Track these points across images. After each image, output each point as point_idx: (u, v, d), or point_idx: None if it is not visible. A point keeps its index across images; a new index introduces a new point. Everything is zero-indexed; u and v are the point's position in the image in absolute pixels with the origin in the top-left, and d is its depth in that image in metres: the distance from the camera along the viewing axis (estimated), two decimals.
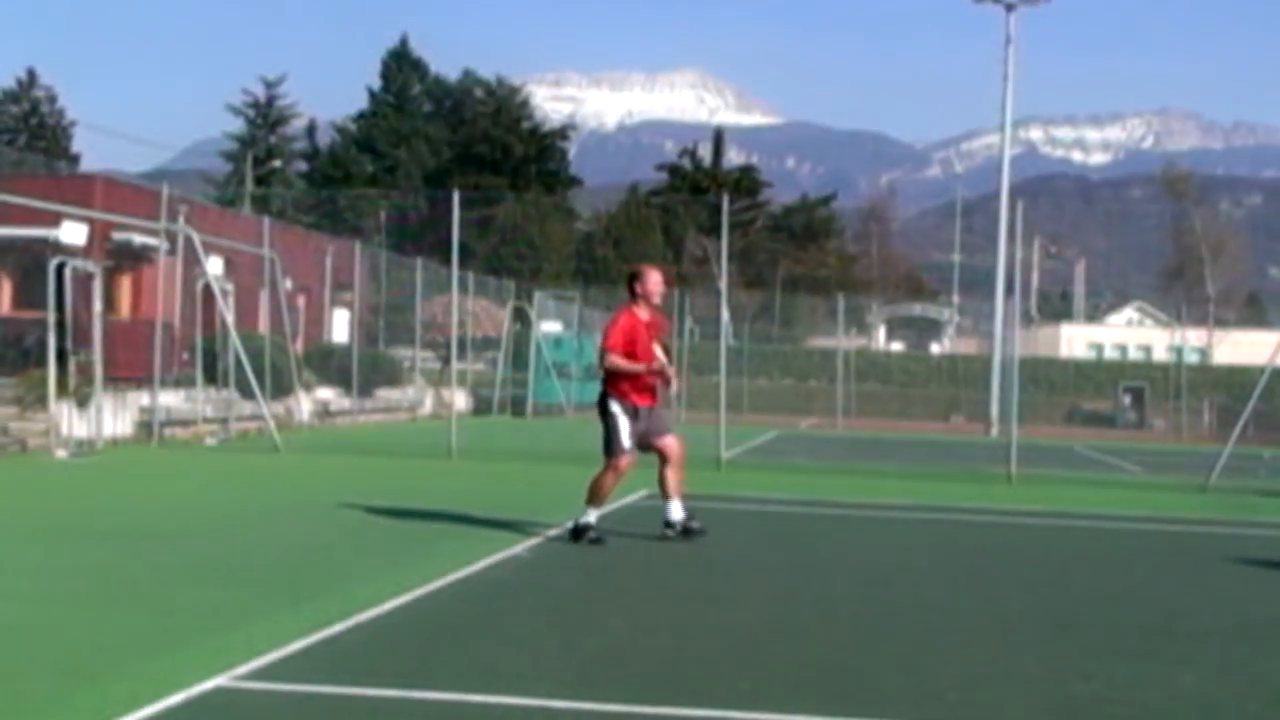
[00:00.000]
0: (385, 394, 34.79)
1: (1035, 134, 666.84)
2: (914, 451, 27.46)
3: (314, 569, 9.22)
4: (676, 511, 11.11)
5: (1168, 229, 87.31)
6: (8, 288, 28.13)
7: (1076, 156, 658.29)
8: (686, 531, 11.09)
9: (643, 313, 10.96)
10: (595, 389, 11.44)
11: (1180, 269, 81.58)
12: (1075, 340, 71.36)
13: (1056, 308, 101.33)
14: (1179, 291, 75.41)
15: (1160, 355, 60.60)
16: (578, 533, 10.78)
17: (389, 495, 14.07)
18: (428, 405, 36.35)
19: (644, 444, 10.95)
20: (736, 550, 11.35)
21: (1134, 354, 67.75)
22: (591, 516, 10.86)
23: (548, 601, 8.44)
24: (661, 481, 11.10)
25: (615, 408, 10.86)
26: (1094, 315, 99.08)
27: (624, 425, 10.75)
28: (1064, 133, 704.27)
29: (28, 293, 26.94)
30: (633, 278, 11.13)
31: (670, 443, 11.02)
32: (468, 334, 38.11)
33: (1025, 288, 71.22)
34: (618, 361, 10.74)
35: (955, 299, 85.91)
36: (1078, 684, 6.48)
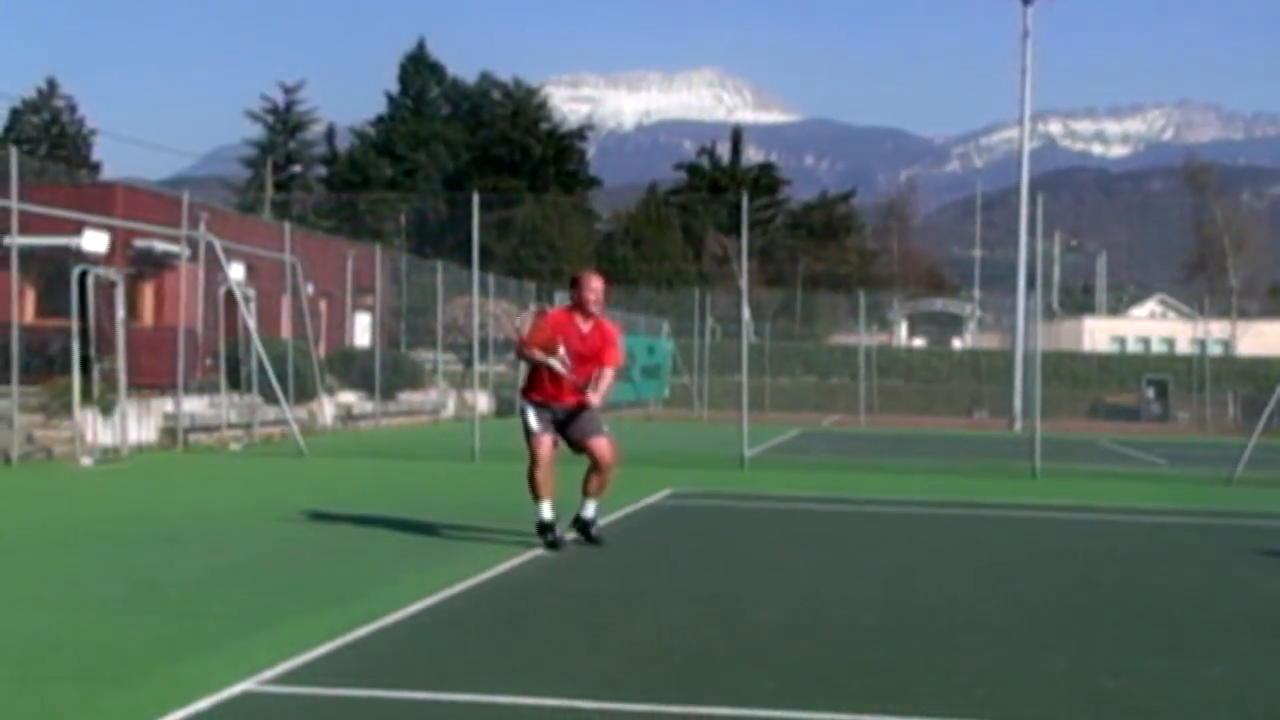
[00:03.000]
0: (407, 397, 34.84)
1: (1054, 127, 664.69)
2: (937, 447, 27.41)
3: (339, 572, 9.24)
4: (590, 510, 10.81)
5: (1189, 221, 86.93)
6: (31, 296, 28.23)
7: (1096, 149, 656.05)
8: (584, 531, 10.78)
9: (582, 322, 10.65)
10: (618, 389, 11.42)
11: (1202, 261, 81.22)
12: (1098, 334, 71.08)
13: (1078, 301, 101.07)
14: (1201, 284, 75.13)
15: (1183, 348, 60.31)
16: (540, 530, 10.45)
17: (413, 498, 14.09)
18: (450, 408, 36.39)
19: (578, 446, 10.66)
20: (760, 548, 11.34)
21: (1157, 347, 67.44)
22: (544, 512, 10.47)
23: (572, 602, 8.44)
24: (584, 481, 10.74)
25: (521, 404, 10.79)
26: (1116, 308, 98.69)
27: (530, 413, 10.54)
28: (1083, 126, 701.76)
29: (51, 301, 27.02)
30: (572, 284, 10.96)
31: (600, 445, 10.63)
32: (489, 336, 38.14)
33: (1047, 282, 71.05)
34: (532, 353, 10.56)
35: (976, 294, 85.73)
36: (1105, 679, 6.46)
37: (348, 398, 31.30)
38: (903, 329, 74.86)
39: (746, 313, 23.21)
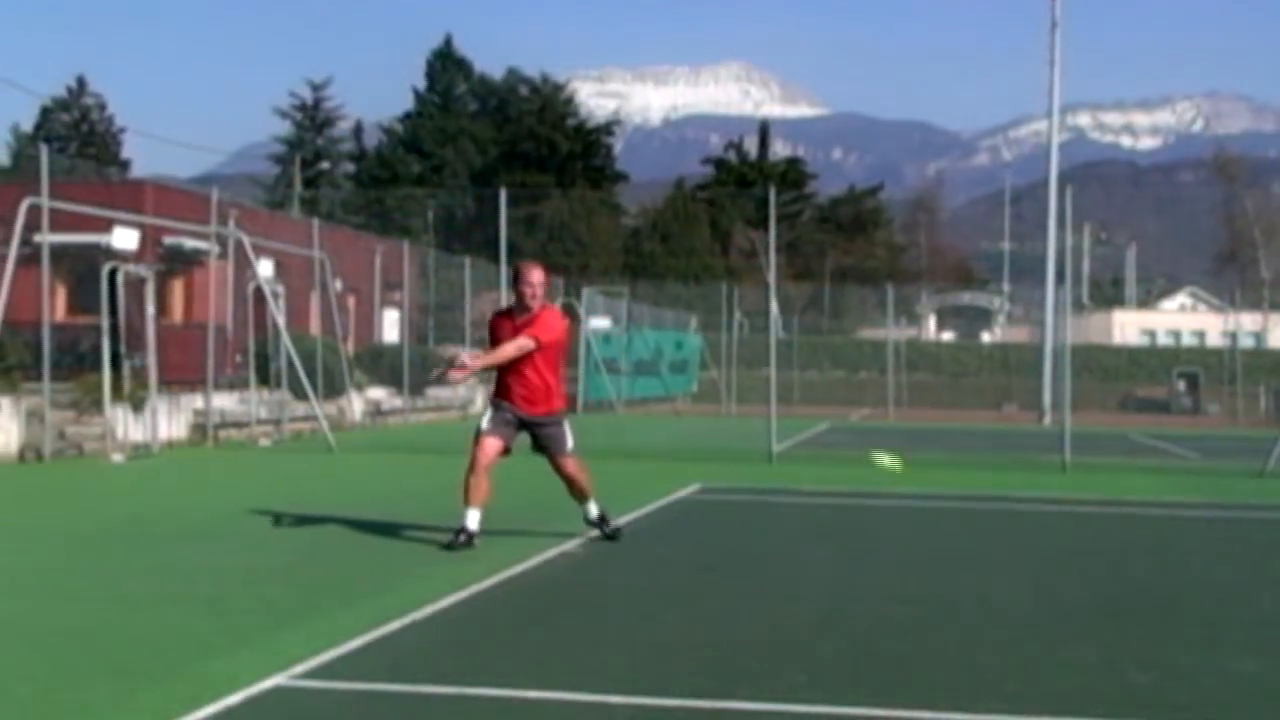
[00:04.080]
0: (436, 393, 34.91)
1: (1083, 119, 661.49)
2: (966, 441, 27.34)
3: (369, 567, 9.27)
4: (593, 511, 10.70)
5: (1219, 213, 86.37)
6: (62, 293, 28.39)
7: (1125, 141, 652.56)
8: (599, 528, 10.69)
9: (520, 315, 10.29)
10: (646, 384, 11.37)
11: (1233, 253, 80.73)
12: (1128, 327, 70.81)
13: (1108, 294, 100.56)
14: (1232, 276, 74.61)
15: (1214, 340, 60.05)
16: (456, 532, 9.97)
17: (442, 493, 14.10)
18: (479, 403, 36.44)
19: (547, 457, 10.57)
20: (789, 543, 11.34)
21: (1187, 340, 67.13)
22: (468, 519, 9.97)
23: (602, 597, 8.46)
24: (570, 492, 10.66)
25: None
26: (1146, 301, 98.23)
27: (486, 413, 10.42)
28: (1112, 118, 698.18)
29: (82, 298, 27.19)
30: (514, 277, 10.62)
31: (567, 465, 10.50)
32: None
33: (1076, 275, 70.75)
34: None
35: (1005, 287, 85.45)
36: (1136, 673, 6.44)
37: (376, 393, 31.38)
38: (931, 323, 74.69)
39: (774, 307, 23.18)
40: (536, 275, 10.33)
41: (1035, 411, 40.13)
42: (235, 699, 5.65)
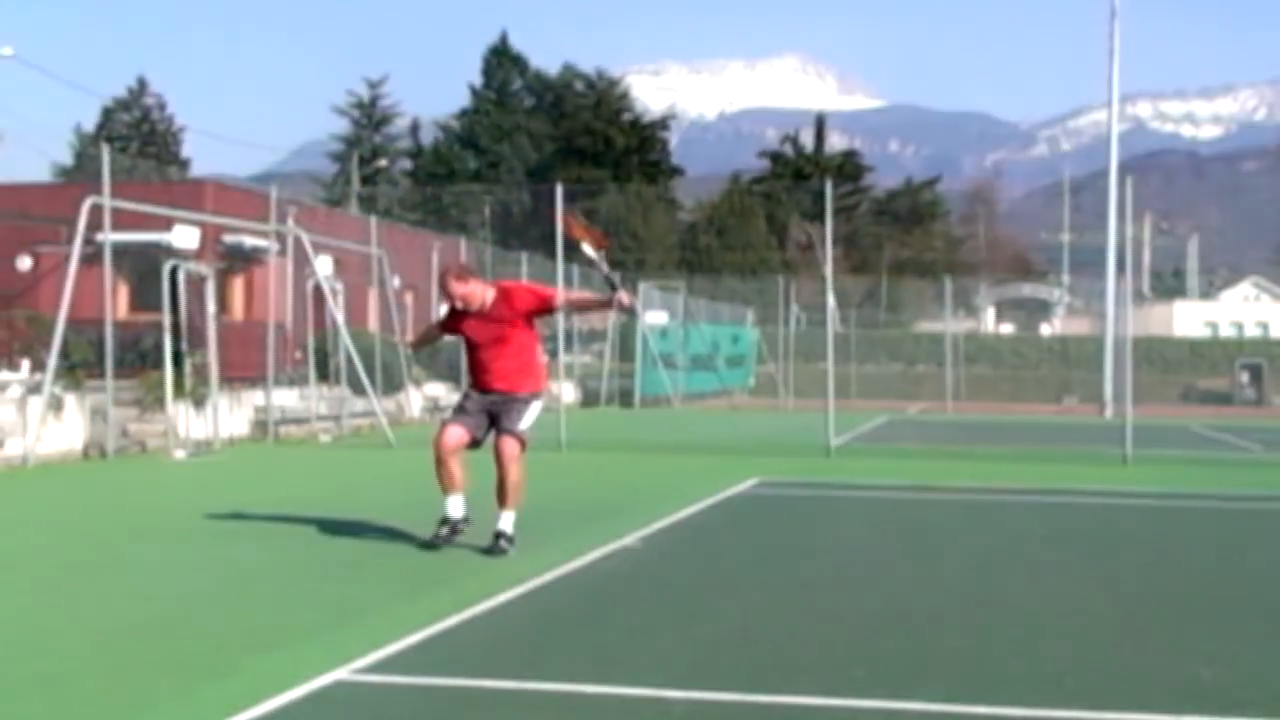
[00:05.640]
0: None
1: (1143, 109, 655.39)
2: (1026, 434, 27.13)
3: (428, 562, 9.31)
4: (502, 522, 9.56)
5: None
6: (124, 292, 28.69)
7: (1187, 131, 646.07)
8: (495, 538, 9.53)
9: (478, 310, 9.63)
10: (702, 379, 11.15)
11: None
12: (1189, 318, 70.08)
13: (1169, 285, 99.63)
14: None
15: (1278, 331, 59.35)
16: (439, 523, 9.66)
17: None
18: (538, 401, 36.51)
19: (496, 433, 9.67)
20: (848, 537, 11.31)
21: (1251, 331, 66.37)
22: (448, 507, 9.62)
23: (660, 591, 8.46)
24: (497, 486, 9.64)
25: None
26: (1208, 292, 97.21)
27: (457, 401, 9.96)
28: (1173, 107, 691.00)
29: (143, 296, 27.45)
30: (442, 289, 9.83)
31: (500, 443, 9.56)
32: (574, 327, 38.25)
33: (1137, 266, 70.04)
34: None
35: (1065, 279, 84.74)
36: (1200, 668, 6.37)
37: (435, 389, 31.50)
38: (990, 315, 74.19)
39: (831, 300, 23.06)
40: (460, 285, 9.62)
41: (1096, 404, 39.77)
42: (296, 693, 5.69)
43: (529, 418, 9.68)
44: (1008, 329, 71.96)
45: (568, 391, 31.00)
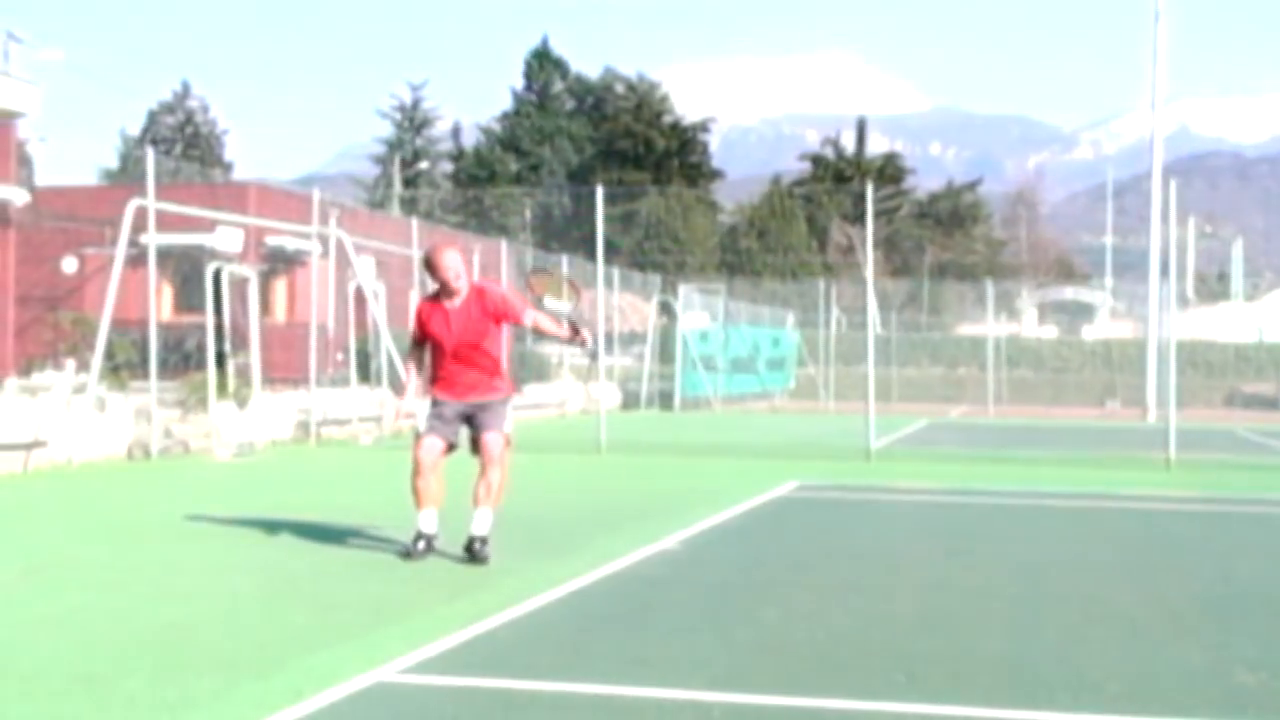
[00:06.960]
0: (534, 390, 35.09)
1: (1187, 111, 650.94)
2: (1068, 438, 26.99)
3: (468, 564, 9.33)
4: (477, 525, 9.32)
5: None
6: (168, 293, 28.92)
7: (1231, 133, 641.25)
8: (468, 549, 9.32)
9: (448, 300, 9.42)
10: (743, 381, 11.04)
11: None
12: (1234, 321, 69.48)
13: (1214, 289, 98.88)
14: None
15: None
16: (414, 538, 9.45)
17: (539, 490, 14.19)
18: (577, 401, 36.59)
19: (475, 444, 9.56)
20: (888, 540, 11.27)
21: None
22: (421, 522, 9.45)
23: (699, 594, 8.46)
24: (477, 484, 9.43)
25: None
26: (1253, 295, 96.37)
27: (426, 412, 9.61)
28: (1217, 109, 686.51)
29: (187, 298, 27.68)
30: (428, 268, 9.60)
31: (486, 440, 9.42)
32: (615, 329, 38.30)
33: (1180, 269, 69.64)
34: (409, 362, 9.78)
35: (1108, 282, 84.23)
36: (1244, 673, 6.32)
37: None
38: (1032, 318, 73.79)
39: (872, 303, 23.03)
40: (453, 259, 9.43)
41: (1138, 408, 39.51)
42: (337, 693, 5.72)
43: (510, 420, 9.61)
44: (1050, 332, 71.53)
45: (608, 394, 31.01)
